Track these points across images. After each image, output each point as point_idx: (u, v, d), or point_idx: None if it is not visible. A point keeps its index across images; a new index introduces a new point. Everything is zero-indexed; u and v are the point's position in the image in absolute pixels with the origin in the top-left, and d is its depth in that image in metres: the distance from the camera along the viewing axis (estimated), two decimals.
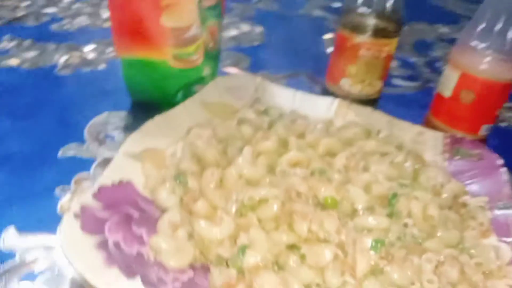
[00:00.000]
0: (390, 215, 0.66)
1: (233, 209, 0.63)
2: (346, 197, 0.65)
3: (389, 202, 0.67)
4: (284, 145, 0.76)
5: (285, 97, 0.97)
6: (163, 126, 0.80)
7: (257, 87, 0.97)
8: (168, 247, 0.61)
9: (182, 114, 0.83)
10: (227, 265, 0.58)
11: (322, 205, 0.64)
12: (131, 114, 0.93)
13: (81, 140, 0.85)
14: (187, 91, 0.92)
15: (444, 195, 0.75)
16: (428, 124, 0.96)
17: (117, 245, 0.59)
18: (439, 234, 0.66)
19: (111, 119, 0.91)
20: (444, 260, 0.62)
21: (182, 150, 0.74)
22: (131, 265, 0.58)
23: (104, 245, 0.58)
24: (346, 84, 0.98)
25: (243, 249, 0.58)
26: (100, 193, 0.65)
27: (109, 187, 0.67)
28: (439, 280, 0.60)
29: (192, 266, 0.60)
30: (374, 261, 0.57)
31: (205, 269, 0.60)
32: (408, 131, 0.92)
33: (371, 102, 1.00)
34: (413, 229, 0.65)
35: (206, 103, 0.89)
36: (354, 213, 0.65)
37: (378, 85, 0.98)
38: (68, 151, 0.82)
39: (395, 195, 0.67)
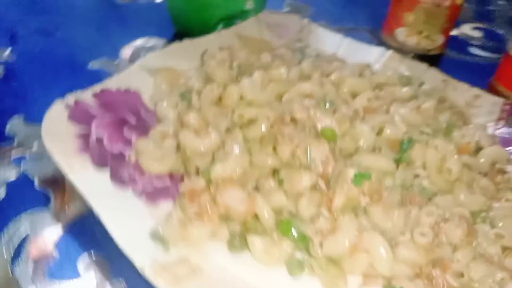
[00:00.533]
0: (398, 161, 0.57)
1: (223, 127, 0.59)
2: (350, 132, 0.58)
3: (400, 146, 0.58)
4: (305, 79, 0.70)
5: (331, 43, 0.90)
6: (189, 49, 0.78)
7: (302, 28, 0.91)
8: (151, 151, 0.59)
9: (213, 41, 0.80)
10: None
11: (320, 137, 0.57)
12: (170, 42, 0.92)
13: (115, 56, 0.86)
14: (228, 23, 0.89)
15: (481, 160, 0.63)
16: (491, 90, 0.83)
17: (99, 141, 0.59)
18: (457, 194, 0.56)
19: (149, 44, 0.91)
20: (450, 218, 0.52)
21: (196, 70, 0.72)
22: (105, 159, 0.57)
23: (84, 137, 0.58)
24: (402, 34, 0.88)
25: (215, 161, 0.54)
26: (101, 94, 0.65)
27: (113, 91, 0.66)
28: (437, 237, 0.51)
29: (171, 176, 0.58)
30: (353, 195, 0.49)
31: (183, 180, 0.58)
32: (464, 93, 0.80)
33: (430, 59, 0.89)
34: (423, 181, 0.56)
35: (242, 36, 0.85)
36: (356, 152, 0.57)
37: (438, 39, 0.86)
38: (99, 64, 0.83)
39: (410, 141, 0.58)
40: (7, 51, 0.84)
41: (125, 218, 0.49)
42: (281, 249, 0.50)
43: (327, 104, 0.61)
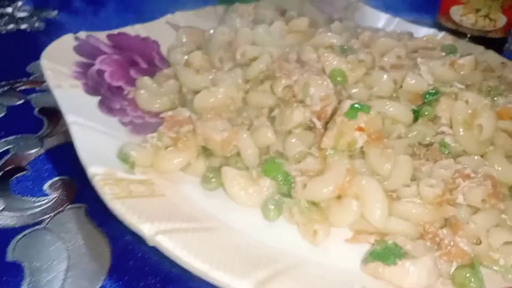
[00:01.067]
0: (418, 113, 0.49)
1: (226, 67, 0.55)
2: (364, 80, 0.51)
3: (423, 97, 0.49)
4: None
5: (378, 22, 0.83)
6: (218, 13, 0.76)
7: (348, 5, 0.85)
8: (152, 88, 0.56)
9: (248, 10, 0.78)
10: None
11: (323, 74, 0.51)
12: None
13: None
14: None
15: None
16: None
17: (100, 72, 0.57)
18: (490, 161, 0.46)
19: None
20: (471, 176, 0.42)
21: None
22: (99, 89, 0.54)
23: (84, 66, 0.56)
24: (457, 13, 0.78)
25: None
26: (116, 36, 0.64)
27: (130, 36, 0.65)
28: (450, 193, 0.41)
29: None
30: (346, 128, 0.42)
31: None
32: None
33: (490, 43, 0.78)
34: (446, 138, 0.47)
35: (281, 8, 0.81)
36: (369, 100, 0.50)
37: (499, 19, 0.76)
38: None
39: (435, 93, 0.49)
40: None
41: (98, 138, 0.46)
42: (259, 188, 0.43)
43: (346, 52, 0.54)
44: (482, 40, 0.77)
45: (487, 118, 0.47)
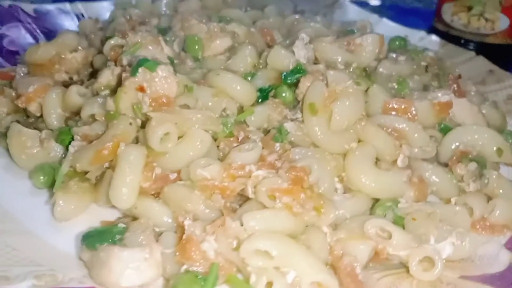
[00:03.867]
0: (266, 93, 0.39)
1: None
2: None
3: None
4: None
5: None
6: None
7: (334, 2, 0.76)
8: None
9: None
10: None
11: None
12: None
13: None
14: None
15: None
16: None
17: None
18: None
19: None
20: (278, 167, 0.32)
21: None
22: None
23: None
24: (448, 11, 0.65)
25: None
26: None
27: None
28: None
29: None
30: (129, 88, 0.34)
31: None
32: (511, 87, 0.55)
33: (488, 49, 0.63)
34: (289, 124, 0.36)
35: None
36: None
37: (498, 20, 0.61)
38: None
39: (297, 71, 0.39)
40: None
41: None
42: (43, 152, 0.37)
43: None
44: (480, 47, 0.63)
45: (341, 102, 0.35)
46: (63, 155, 0.38)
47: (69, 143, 0.38)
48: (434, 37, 0.66)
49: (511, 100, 0.54)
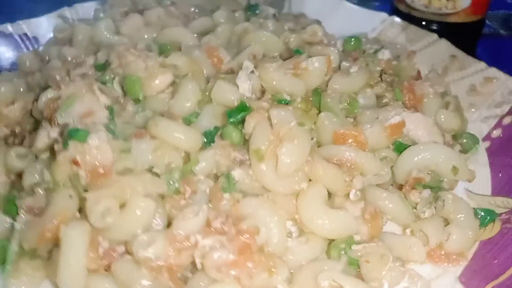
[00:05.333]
0: (211, 136, 0.38)
1: None
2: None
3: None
4: None
5: (322, 7, 0.69)
6: None
7: None
8: None
9: None
10: None
11: None
12: None
13: None
14: None
15: None
16: None
17: None
18: None
19: None
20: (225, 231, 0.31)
21: None
22: None
23: None
24: None
25: None
26: None
27: None
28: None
29: None
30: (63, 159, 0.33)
31: None
32: (473, 74, 0.54)
33: (453, 30, 0.61)
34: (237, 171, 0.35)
35: None
36: None
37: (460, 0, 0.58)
38: None
39: (242, 109, 0.38)
40: None
41: None
42: None
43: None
44: (443, 27, 0.61)
45: (287, 147, 0.34)
46: (12, 227, 0.37)
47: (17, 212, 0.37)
48: (396, 19, 0.64)
49: (473, 91, 0.52)
